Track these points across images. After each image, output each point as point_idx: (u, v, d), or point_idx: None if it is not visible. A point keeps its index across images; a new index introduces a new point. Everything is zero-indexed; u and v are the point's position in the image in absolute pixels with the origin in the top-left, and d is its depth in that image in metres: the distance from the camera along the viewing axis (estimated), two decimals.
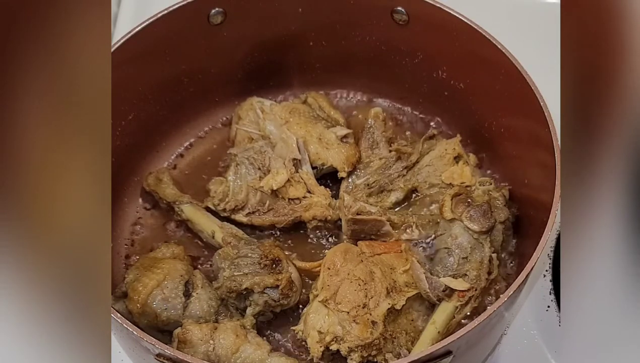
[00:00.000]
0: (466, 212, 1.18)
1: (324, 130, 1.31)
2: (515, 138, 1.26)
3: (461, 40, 1.24)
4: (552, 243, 1.30)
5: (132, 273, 1.18)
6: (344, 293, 1.11)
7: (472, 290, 1.14)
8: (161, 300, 1.14)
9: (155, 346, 0.95)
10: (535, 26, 1.59)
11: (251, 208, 1.27)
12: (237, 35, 1.33)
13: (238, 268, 1.16)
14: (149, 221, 1.34)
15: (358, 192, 1.27)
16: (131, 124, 1.30)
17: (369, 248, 1.18)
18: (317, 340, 1.09)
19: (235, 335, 1.10)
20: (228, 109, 1.43)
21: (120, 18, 1.62)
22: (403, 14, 1.27)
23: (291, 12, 1.32)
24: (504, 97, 1.23)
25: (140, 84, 1.29)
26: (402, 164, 1.28)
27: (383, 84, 1.44)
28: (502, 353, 1.24)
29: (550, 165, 1.09)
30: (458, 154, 1.28)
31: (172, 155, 1.42)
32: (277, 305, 1.16)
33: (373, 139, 1.33)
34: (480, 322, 0.95)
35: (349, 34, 1.36)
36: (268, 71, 1.42)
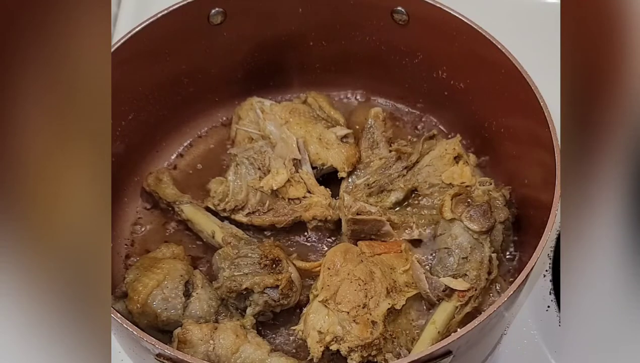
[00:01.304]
0: (466, 212, 1.18)
1: (324, 130, 1.31)
2: (515, 138, 1.26)
3: (461, 40, 1.24)
4: (552, 243, 1.30)
5: (132, 273, 1.18)
6: (344, 294, 1.11)
7: (472, 290, 1.14)
8: (161, 300, 1.14)
9: (155, 346, 0.95)
10: (535, 26, 1.59)
11: (251, 208, 1.27)
12: (237, 35, 1.33)
13: (238, 268, 1.16)
14: (149, 221, 1.34)
15: (358, 192, 1.27)
16: (131, 124, 1.30)
17: (369, 248, 1.18)
18: (317, 340, 1.09)
19: (235, 335, 1.10)
20: (228, 109, 1.43)
21: (120, 18, 1.62)
22: (403, 14, 1.27)
23: (291, 12, 1.32)
24: (504, 97, 1.23)
25: (140, 84, 1.29)
26: (402, 164, 1.28)
27: (383, 84, 1.44)
28: (502, 353, 1.24)
29: (550, 165, 1.09)
30: (458, 154, 1.28)
31: (172, 155, 1.42)
32: (277, 305, 1.16)
33: (373, 139, 1.33)
34: (480, 322, 0.95)
35: (349, 34, 1.36)
36: (268, 71, 1.42)
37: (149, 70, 1.28)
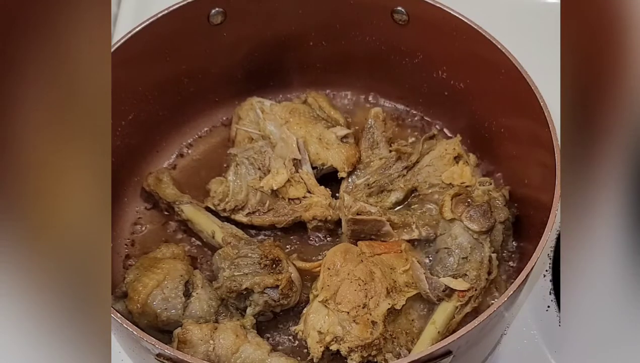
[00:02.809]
0: (466, 212, 1.18)
1: (324, 130, 1.31)
2: (515, 138, 1.26)
3: (461, 40, 1.24)
4: (552, 243, 1.30)
5: (132, 273, 1.18)
6: (344, 294, 1.11)
7: (472, 290, 1.14)
8: (161, 300, 1.14)
9: (155, 346, 0.95)
10: (535, 26, 1.59)
11: (251, 208, 1.27)
12: (237, 35, 1.33)
13: (238, 268, 1.16)
14: (149, 221, 1.34)
15: (358, 192, 1.27)
16: (131, 124, 1.30)
17: (369, 249, 1.18)
18: (317, 341, 1.09)
19: (235, 335, 1.10)
20: (228, 109, 1.43)
21: (120, 18, 1.62)
22: (403, 14, 1.27)
23: (291, 12, 1.32)
24: (504, 97, 1.23)
25: (140, 84, 1.29)
26: (402, 164, 1.28)
27: (383, 84, 1.44)
28: (502, 353, 1.24)
29: (550, 165, 1.09)
30: (458, 154, 1.28)
31: (172, 155, 1.42)
32: (277, 305, 1.16)
33: (373, 139, 1.33)
34: (480, 322, 0.95)
35: (349, 34, 1.36)
36: (268, 71, 1.42)
37: (149, 70, 1.28)
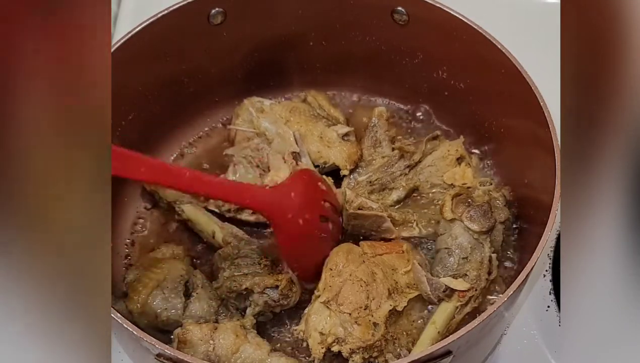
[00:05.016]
0: (466, 212, 1.18)
1: (325, 129, 1.31)
2: (515, 138, 1.26)
3: (461, 40, 1.24)
4: (552, 243, 1.30)
5: (132, 273, 1.18)
6: (346, 295, 1.11)
7: (472, 290, 1.14)
8: (161, 300, 1.14)
9: (155, 346, 0.95)
10: (535, 26, 1.59)
11: None
12: (237, 35, 1.33)
13: (238, 269, 1.16)
14: (149, 221, 1.34)
15: (360, 188, 1.27)
16: (131, 124, 1.30)
17: (370, 249, 1.18)
18: (318, 342, 1.09)
19: (235, 335, 1.10)
20: (228, 109, 1.43)
21: (120, 18, 1.62)
22: (403, 14, 1.27)
23: (291, 12, 1.32)
24: (504, 97, 1.23)
25: (140, 84, 1.29)
26: (404, 163, 1.28)
27: (383, 84, 1.44)
28: (502, 353, 1.24)
29: (550, 165, 1.09)
30: (461, 155, 1.28)
31: (172, 155, 1.42)
32: (277, 305, 1.16)
33: (376, 137, 1.33)
34: (480, 322, 0.95)
35: (349, 34, 1.36)
36: (268, 71, 1.42)
37: (149, 70, 1.28)
